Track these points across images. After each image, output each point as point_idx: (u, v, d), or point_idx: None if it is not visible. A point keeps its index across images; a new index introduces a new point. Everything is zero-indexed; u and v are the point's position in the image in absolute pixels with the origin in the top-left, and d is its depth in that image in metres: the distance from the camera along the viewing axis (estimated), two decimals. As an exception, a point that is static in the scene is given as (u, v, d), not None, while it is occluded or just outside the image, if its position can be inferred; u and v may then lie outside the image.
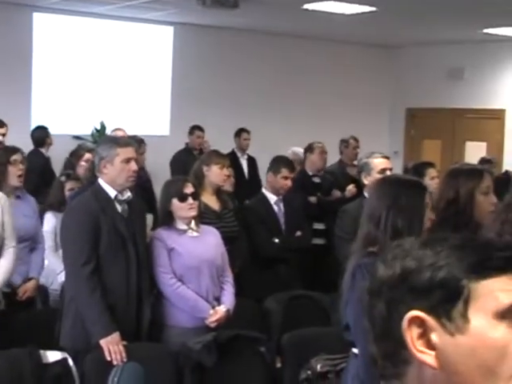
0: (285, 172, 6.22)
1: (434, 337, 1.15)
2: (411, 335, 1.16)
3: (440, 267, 1.16)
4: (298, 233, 6.24)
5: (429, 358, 1.15)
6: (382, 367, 1.23)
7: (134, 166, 4.37)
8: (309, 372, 4.07)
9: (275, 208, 6.26)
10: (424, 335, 1.16)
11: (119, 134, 7.92)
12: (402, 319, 1.16)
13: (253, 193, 8.47)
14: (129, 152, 4.38)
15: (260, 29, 11.32)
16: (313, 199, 7.53)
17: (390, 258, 1.23)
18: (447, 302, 1.15)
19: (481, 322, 1.14)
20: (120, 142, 4.49)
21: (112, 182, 4.33)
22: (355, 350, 3.20)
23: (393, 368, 1.21)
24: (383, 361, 1.22)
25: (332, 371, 3.97)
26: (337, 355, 4.00)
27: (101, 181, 4.37)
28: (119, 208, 4.35)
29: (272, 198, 6.27)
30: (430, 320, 1.15)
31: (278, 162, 6.36)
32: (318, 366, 4.05)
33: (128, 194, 4.40)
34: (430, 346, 1.15)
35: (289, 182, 6.25)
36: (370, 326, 1.24)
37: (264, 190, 6.40)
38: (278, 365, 4.68)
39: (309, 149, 8.11)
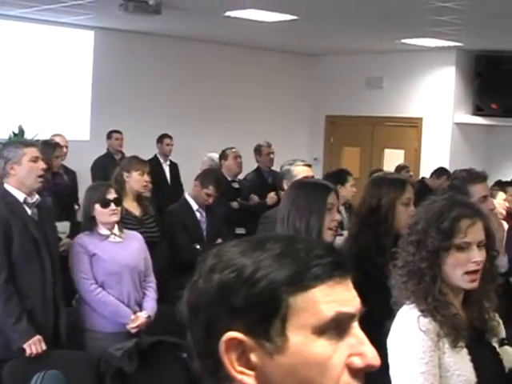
0: (211, 190, 6.22)
1: (252, 357, 1.10)
2: (229, 357, 1.11)
3: (257, 281, 1.10)
4: (219, 240, 6.25)
5: (248, 378, 1.11)
6: (208, 383, 1.18)
7: (41, 164, 4.35)
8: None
9: (197, 215, 6.26)
10: (243, 355, 1.11)
11: (57, 139, 7.92)
12: (220, 340, 1.11)
13: (175, 198, 8.42)
14: (35, 151, 4.37)
15: (182, 35, 11.29)
16: (235, 204, 7.58)
17: (207, 270, 1.16)
18: (264, 321, 1.10)
19: (300, 339, 1.09)
20: (25, 143, 4.59)
21: (20, 184, 4.28)
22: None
23: None
24: (207, 377, 1.17)
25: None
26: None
27: (7, 185, 4.30)
28: (29, 211, 4.30)
29: (194, 205, 6.27)
30: (247, 341, 1.10)
31: (208, 178, 6.31)
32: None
33: (36, 197, 4.36)
34: (250, 365, 1.11)
35: (210, 200, 6.25)
36: (192, 343, 1.19)
37: (187, 196, 6.38)
38: (200, 370, 4.67)
39: (223, 156, 8.19)
